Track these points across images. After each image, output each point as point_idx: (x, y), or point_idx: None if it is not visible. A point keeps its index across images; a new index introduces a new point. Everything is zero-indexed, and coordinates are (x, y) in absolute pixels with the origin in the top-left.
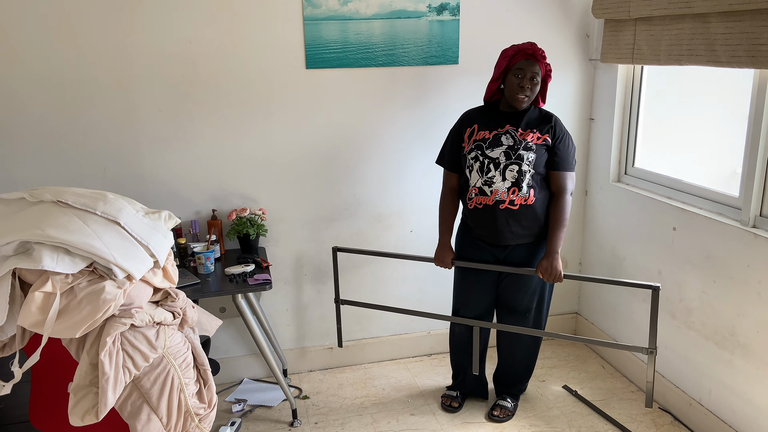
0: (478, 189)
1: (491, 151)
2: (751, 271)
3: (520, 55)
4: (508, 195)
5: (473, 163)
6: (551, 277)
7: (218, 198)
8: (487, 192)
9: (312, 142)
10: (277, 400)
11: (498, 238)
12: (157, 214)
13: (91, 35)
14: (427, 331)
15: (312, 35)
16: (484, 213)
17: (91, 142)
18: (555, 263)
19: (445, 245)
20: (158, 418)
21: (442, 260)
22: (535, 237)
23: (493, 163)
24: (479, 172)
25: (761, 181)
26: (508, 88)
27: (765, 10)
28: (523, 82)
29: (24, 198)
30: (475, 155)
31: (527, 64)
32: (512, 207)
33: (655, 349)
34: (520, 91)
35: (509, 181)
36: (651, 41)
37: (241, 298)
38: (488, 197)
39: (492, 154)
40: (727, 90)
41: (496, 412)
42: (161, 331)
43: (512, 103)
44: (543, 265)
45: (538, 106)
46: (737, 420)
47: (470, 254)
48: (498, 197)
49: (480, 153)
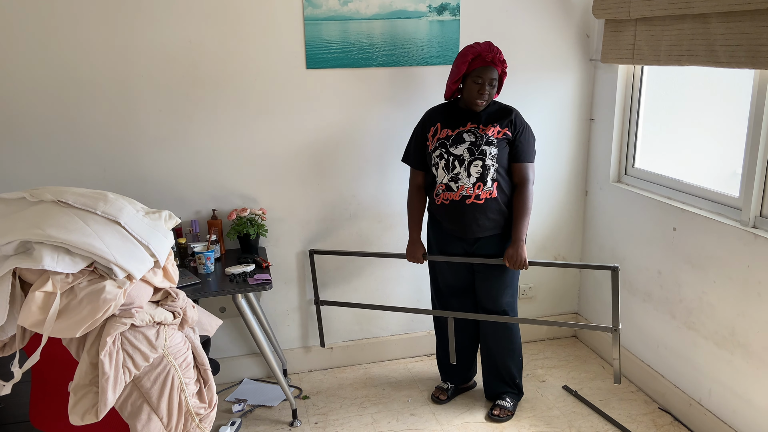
0: (444, 185)
1: (455, 149)
2: (751, 271)
3: (479, 62)
4: (473, 190)
5: (438, 161)
6: (516, 264)
7: (218, 198)
8: (454, 188)
9: (312, 142)
10: (277, 400)
11: (465, 232)
12: (158, 214)
13: (92, 35)
14: (427, 331)
15: (312, 35)
16: (452, 208)
17: (91, 142)
18: (520, 250)
19: (416, 241)
20: (158, 418)
21: (414, 255)
22: (502, 228)
23: (458, 160)
24: (445, 169)
25: (761, 181)
26: (467, 92)
27: (765, 11)
28: (482, 89)
29: (24, 198)
30: (440, 153)
31: (485, 71)
32: (478, 201)
33: (618, 328)
34: (479, 97)
35: (474, 177)
36: (651, 41)
37: (241, 298)
38: (455, 193)
39: (456, 152)
40: (727, 90)
41: (496, 411)
42: (161, 330)
43: (470, 107)
44: (509, 252)
45: (495, 100)
46: (737, 420)
47: (442, 247)
48: (464, 192)
49: (444, 151)
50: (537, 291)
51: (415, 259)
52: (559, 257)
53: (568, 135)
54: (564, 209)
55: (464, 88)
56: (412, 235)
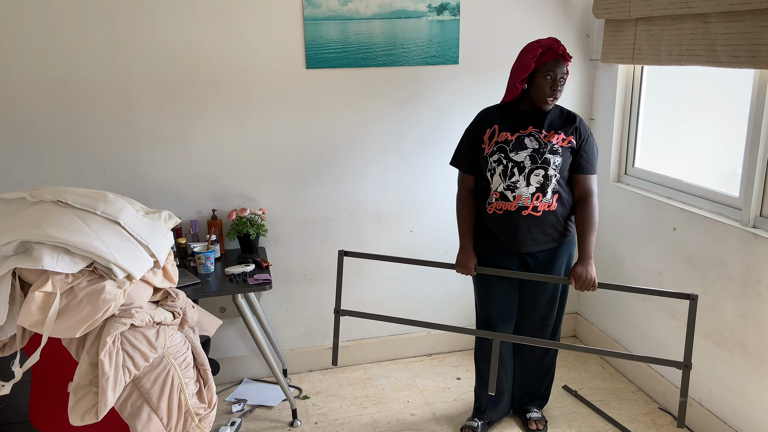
0: (499, 194)
1: (515, 155)
2: (751, 271)
3: (550, 55)
4: (531, 201)
5: (495, 167)
6: (585, 284)
7: (218, 198)
8: (510, 197)
9: (312, 142)
10: (277, 400)
11: (518, 246)
12: (157, 214)
13: (92, 35)
14: (427, 331)
15: (312, 35)
16: (504, 219)
17: (90, 142)
18: (590, 269)
19: (468, 250)
20: (158, 418)
21: (466, 266)
22: (557, 242)
23: (518, 167)
24: (502, 176)
25: (761, 181)
26: (537, 90)
27: (765, 11)
28: (555, 85)
29: (24, 198)
30: (498, 158)
31: (557, 65)
32: (535, 213)
33: (690, 364)
34: (551, 95)
35: (534, 187)
36: (651, 41)
37: (241, 298)
38: (510, 203)
39: (516, 158)
40: (727, 90)
41: (533, 426)
42: (161, 331)
43: (539, 106)
44: (577, 271)
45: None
46: (737, 420)
47: (492, 259)
48: (521, 203)
49: (503, 156)
50: None
51: (467, 270)
52: None
53: None
54: None
55: (532, 87)
56: (463, 243)
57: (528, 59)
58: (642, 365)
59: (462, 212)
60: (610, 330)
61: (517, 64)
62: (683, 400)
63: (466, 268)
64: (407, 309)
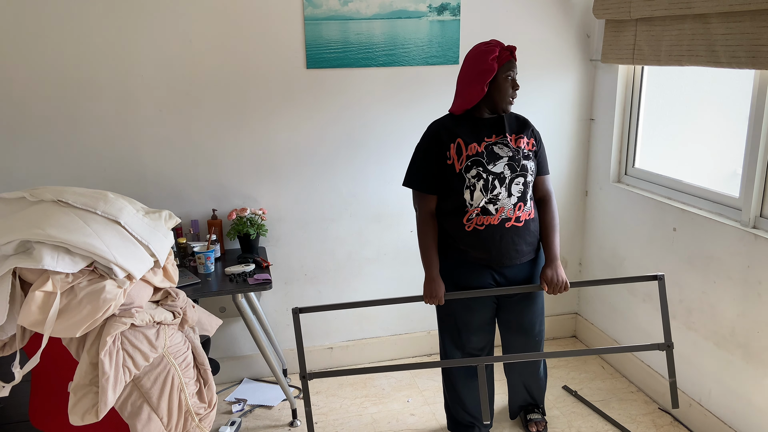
0: (480, 209)
1: (493, 166)
2: (751, 271)
3: (506, 55)
4: (514, 212)
5: (475, 182)
6: (558, 288)
7: (218, 198)
8: (492, 211)
9: (312, 142)
10: (277, 400)
11: (502, 260)
12: (158, 214)
13: (92, 35)
14: (427, 331)
15: (312, 35)
16: (486, 234)
17: (91, 142)
18: (559, 270)
19: (435, 278)
20: (158, 418)
21: (435, 295)
22: (534, 253)
23: (498, 179)
24: (483, 190)
25: (761, 181)
26: (500, 92)
27: (765, 11)
28: (515, 85)
29: (24, 197)
30: (477, 172)
31: (513, 65)
32: (518, 224)
33: (671, 344)
34: (513, 95)
35: (515, 197)
36: (651, 42)
37: (241, 298)
38: (493, 216)
39: (495, 169)
40: (728, 90)
41: (533, 429)
42: (161, 330)
43: (502, 108)
44: (547, 275)
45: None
46: (737, 420)
47: (466, 280)
48: (504, 215)
49: (482, 169)
50: None
51: (437, 300)
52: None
53: (568, 135)
54: (564, 209)
55: (494, 90)
56: (430, 272)
57: (489, 60)
58: (641, 365)
59: (426, 238)
60: (610, 330)
61: (475, 69)
62: (673, 381)
63: (436, 297)
64: (408, 309)
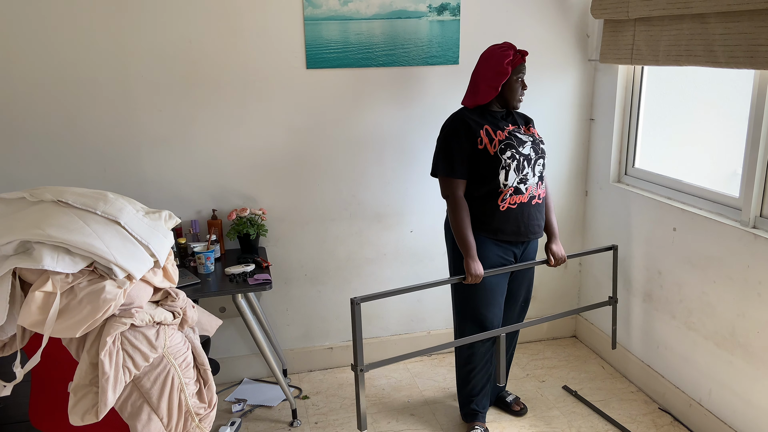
0: (514, 188)
1: (522, 148)
2: (751, 271)
3: (518, 58)
4: (536, 190)
5: (510, 162)
6: (561, 260)
7: (218, 198)
8: (523, 189)
9: (312, 142)
10: (277, 400)
11: (528, 234)
12: (157, 214)
13: (92, 35)
14: (427, 330)
15: (312, 35)
16: (518, 212)
17: (91, 142)
18: (560, 245)
19: (476, 258)
20: (158, 418)
21: (477, 274)
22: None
23: (527, 160)
24: (516, 170)
25: (761, 181)
26: (511, 91)
27: (763, 11)
28: (524, 85)
29: (24, 197)
30: (511, 154)
31: (524, 67)
32: (539, 201)
33: (616, 300)
34: (522, 95)
35: (537, 177)
36: (650, 42)
37: (241, 298)
38: (523, 195)
39: (524, 151)
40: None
41: (517, 407)
42: (161, 330)
43: (513, 105)
44: (553, 249)
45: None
46: (737, 420)
47: (497, 260)
48: (531, 193)
49: (515, 151)
50: (538, 291)
51: (479, 278)
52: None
53: (568, 135)
54: (564, 209)
55: (506, 89)
56: (471, 252)
57: (505, 63)
58: (641, 365)
59: (463, 221)
60: (609, 330)
61: (492, 70)
62: (614, 328)
63: (479, 276)
64: (407, 309)
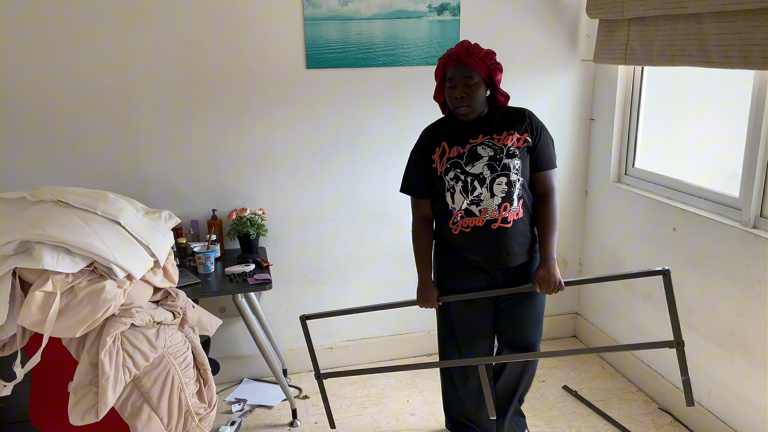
0: (464, 211)
1: (471, 167)
2: (751, 271)
3: (449, 62)
4: (499, 212)
5: (454, 184)
6: (551, 287)
7: (218, 198)
8: (476, 212)
9: (312, 142)
10: (277, 400)
11: (495, 263)
12: (157, 214)
13: (92, 35)
14: (427, 330)
15: (312, 35)
16: (475, 235)
17: (91, 142)
18: (553, 270)
19: (428, 283)
20: (159, 418)
21: (428, 300)
22: (528, 254)
23: (477, 180)
24: (463, 192)
25: (761, 181)
26: (449, 99)
27: (757, 11)
28: (457, 92)
29: (24, 197)
30: (454, 175)
31: (456, 70)
32: (506, 225)
33: (681, 341)
34: (458, 103)
35: (498, 197)
36: (644, 42)
37: (241, 298)
38: (477, 218)
39: (473, 170)
40: (728, 90)
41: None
42: (161, 330)
43: (459, 114)
44: (539, 274)
45: (503, 106)
46: (737, 420)
47: (462, 284)
48: (488, 216)
49: (459, 171)
50: None
51: (430, 304)
52: (560, 258)
53: (568, 135)
54: (564, 209)
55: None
56: (423, 276)
57: (438, 70)
58: (641, 365)
59: (419, 243)
60: (610, 330)
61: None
62: (686, 378)
63: (429, 302)
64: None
